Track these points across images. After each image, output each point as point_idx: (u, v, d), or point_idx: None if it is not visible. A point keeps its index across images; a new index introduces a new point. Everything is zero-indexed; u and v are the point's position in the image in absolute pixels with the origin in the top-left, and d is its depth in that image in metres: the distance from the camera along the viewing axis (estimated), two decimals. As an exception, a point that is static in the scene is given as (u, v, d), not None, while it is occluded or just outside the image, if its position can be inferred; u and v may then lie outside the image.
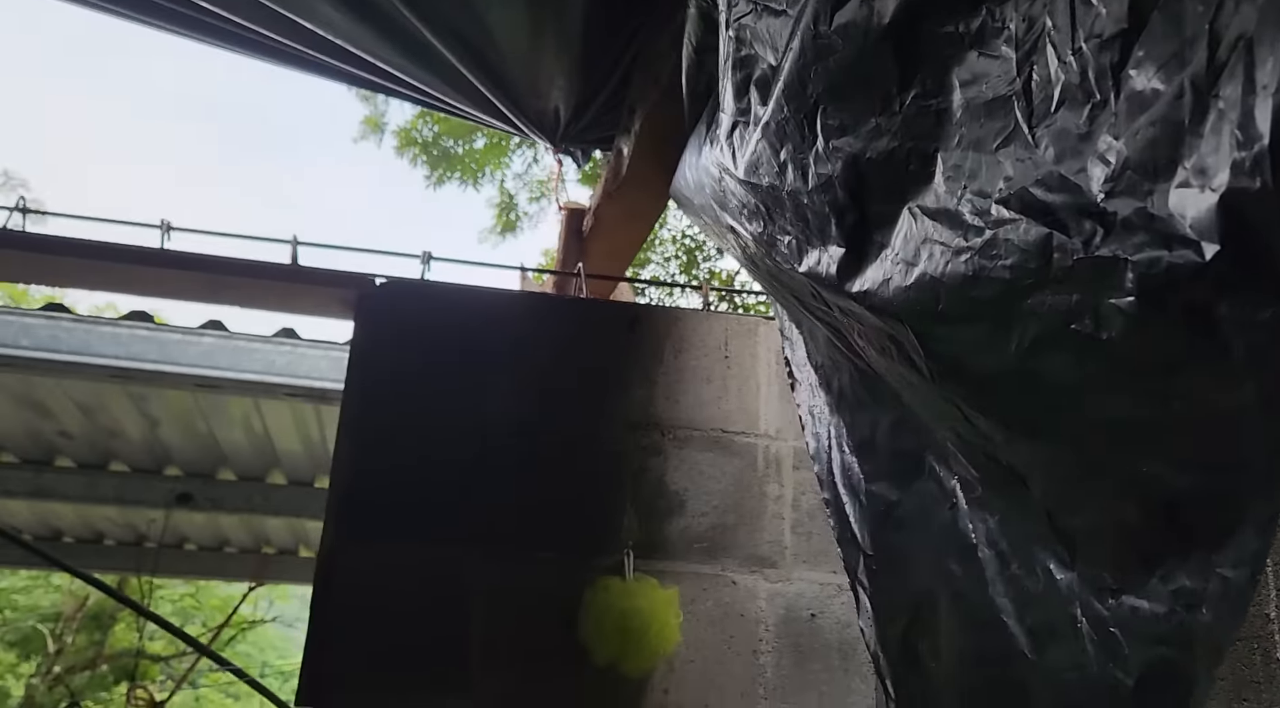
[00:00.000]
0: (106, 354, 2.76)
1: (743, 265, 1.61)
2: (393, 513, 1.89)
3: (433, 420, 1.97)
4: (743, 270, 2.43)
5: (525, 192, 9.71)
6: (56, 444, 3.87)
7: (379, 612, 1.82)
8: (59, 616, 14.75)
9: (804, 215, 1.00)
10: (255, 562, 5.40)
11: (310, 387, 2.89)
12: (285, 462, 4.05)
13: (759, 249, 1.24)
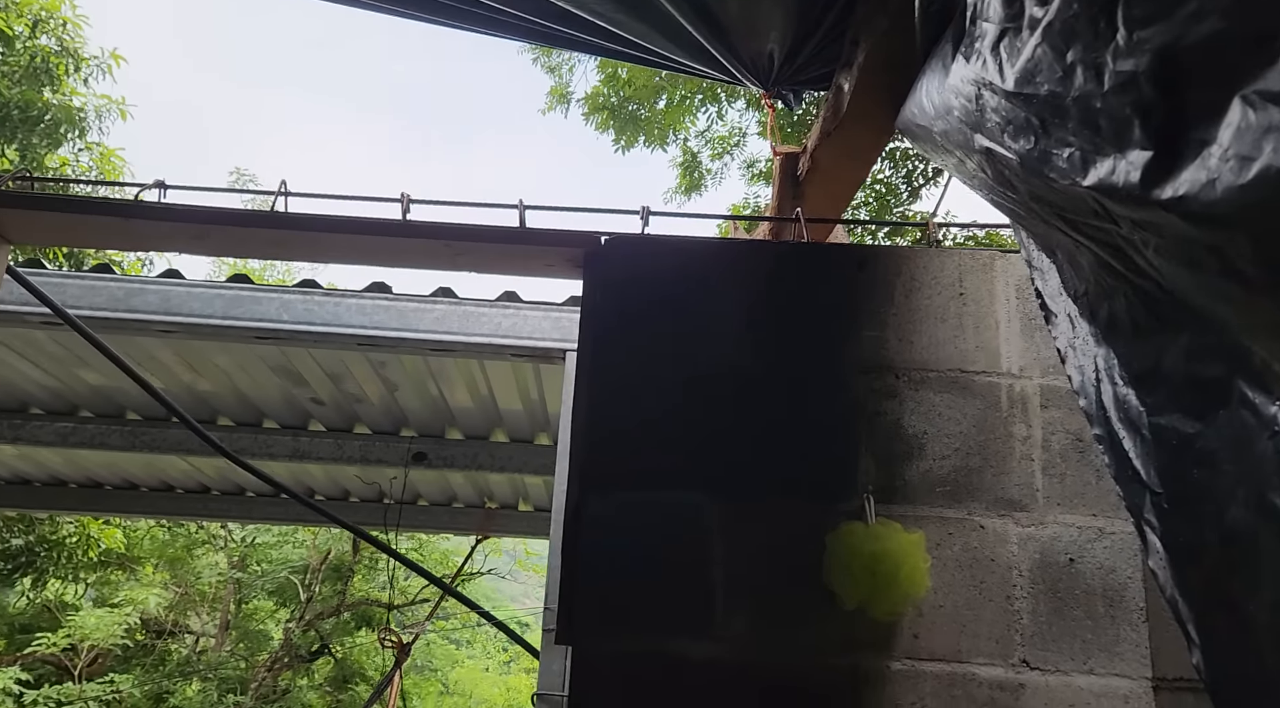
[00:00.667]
0: (353, 325, 2.99)
1: (987, 193, 1.52)
2: (631, 462, 1.94)
3: (664, 370, 2.00)
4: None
5: (707, 150, 9.67)
6: (309, 410, 4.25)
7: (623, 558, 1.88)
8: (307, 568, 16.34)
9: (1094, 122, 0.92)
10: (480, 516, 5.74)
11: (533, 347, 3.02)
12: (507, 421, 4.27)
13: (1024, 170, 1.16)
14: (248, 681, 15.30)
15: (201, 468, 5.23)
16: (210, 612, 16.66)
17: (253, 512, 5.68)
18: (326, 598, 15.96)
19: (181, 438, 4.38)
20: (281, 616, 16.53)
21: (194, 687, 14.90)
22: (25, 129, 7.12)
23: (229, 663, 15.57)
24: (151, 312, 2.94)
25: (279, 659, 15.71)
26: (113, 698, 13.35)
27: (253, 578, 16.13)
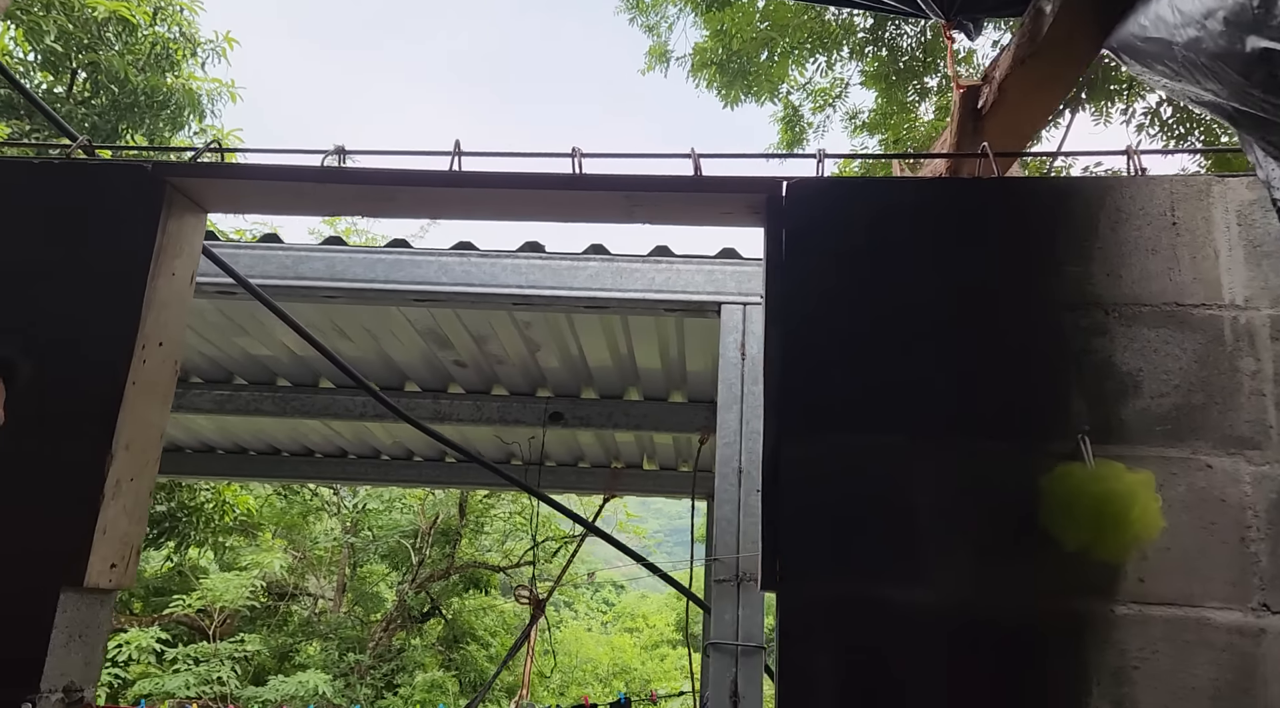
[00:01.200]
0: (509, 284, 3.03)
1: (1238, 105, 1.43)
2: (826, 407, 1.92)
3: (856, 314, 1.97)
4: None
5: (809, 103, 9.46)
6: (451, 373, 4.35)
7: (826, 503, 1.87)
8: (416, 532, 16.88)
9: None
10: (607, 475, 5.81)
11: (687, 300, 3.01)
12: (644, 379, 4.29)
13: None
14: (365, 640, 15.95)
15: (341, 432, 5.42)
16: (327, 575, 17.39)
17: (388, 474, 5.88)
18: (435, 561, 16.48)
19: (327, 403, 4.53)
20: (393, 578, 17.15)
21: (315, 646, 15.62)
22: (152, 115, 7.42)
23: (346, 624, 16.25)
24: (317, 278, 3.03)
25: (393, 620, 16.32)
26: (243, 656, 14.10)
27: (365, 543, 16.75)
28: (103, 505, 1.98)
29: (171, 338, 2.22)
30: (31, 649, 1.88)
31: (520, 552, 18.01)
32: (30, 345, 2.05)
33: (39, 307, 2.07)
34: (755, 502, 2.78)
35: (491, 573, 17.86)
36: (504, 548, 17.87)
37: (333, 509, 17.09)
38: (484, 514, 17.17)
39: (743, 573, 2.70)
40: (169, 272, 2.19)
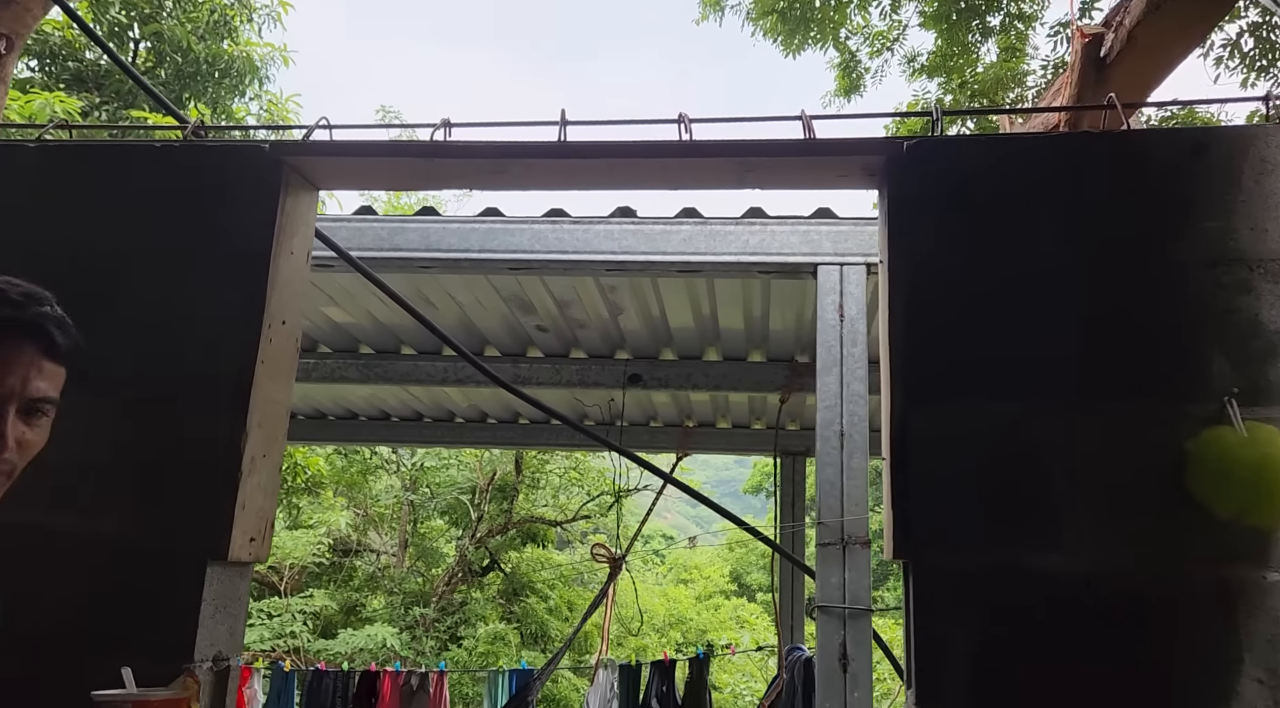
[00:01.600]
0: (602, 250, 3.03)
1: None
2: (954, 374, 1.90)
3: (983, 277, 1.93)
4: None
5: (866, 48, 9.23)
6: (531, 337, 4.38)
7: (956, 471, 1.85)
8: (474, 489, 17.18)
9: None
10: (679, 434, 5.84)
11: (781, 263, 2.98)
12: (724, 339, 4.28)
13: None
14: (428, 594, 16.36)
15: (419, 397, 5.50)
16: (389, 532, 17.81)
17: (463, 436, 5.97)
18: (493, 517, 16.79)
19: (409, 369, 4.60)
20: (453, 534, 17.52)
21: (380, 600, 16.06)
22: (214, 83, 7.49)
23: (409, 579, 16.66)
24: (413, 249, 3.05)
25: (454, 574, 16.71)
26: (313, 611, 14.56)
27: (424, 500, 17.09)
28: (240, 482, 2.03)
29: (293, 316, 2.25)
30: (184, 622, 1.96)
31: (574, 507, 18.26)
32: (162, 327, 2.10)
33: (168, 289, 2.11)
34: (858, 465, 2.78)
35: (548, 528, 18.16)
36: (559, 503, 18.13)
37: (392, 467, 17.44)
38: (539, 471, 17.43)
39: (848, 536, 2.71)
40: (288, 251, 2.22)
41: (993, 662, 1.74)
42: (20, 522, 2.01)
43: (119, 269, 2.13)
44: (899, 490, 1.87)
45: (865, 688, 2.56)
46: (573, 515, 18.11)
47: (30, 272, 2.15)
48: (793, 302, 3.76)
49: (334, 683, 5.86)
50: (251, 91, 9.15)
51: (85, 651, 1.95)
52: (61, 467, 2.03)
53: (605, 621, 5.79)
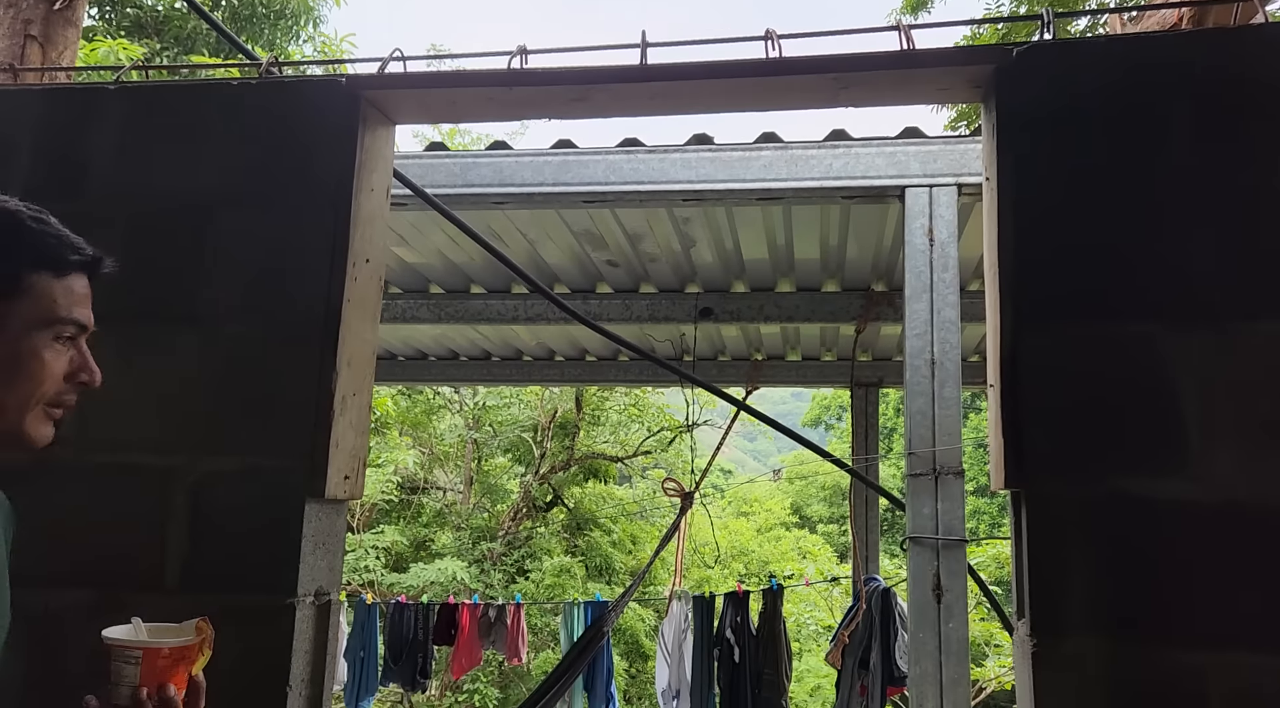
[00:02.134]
0: (679, 180, 2.94)
1: None
2: (1067, 293, 1.80)
3: (1102, 192, 1.81)
4: None
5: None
6: (601, 272, 4.33)
7: (1072, 396, 1.77)
8: (536, 427, 17.42)
9: None
10: (748, 368, 5.78)
11: (867, 186, 2.87)
12: (799, 270, 4.18)
13: None
14: (494, 529, 16.74)
15: (488, 335, 5.52)
16: (454, 469, 18.19)
17: (531, 374, 5.99)
18: (555, 454, 17.03)
19: (480, 308, 4.59)
20: (517, 471, 17.83)
21: (448, 535, 16.48)
22: (270, 25, 7.46)
23: (475, 515, 17.06)
24: (486, 184, 3.01)
25: (519, 510, 17.05)
26: (384, 546, 15.01)
27: (487, 438, 17.37)
28: (333, 421, 2.04)
29: (376, 254, 2.23)
30: (287, 558, 1.98)
31: (634, 443, 18.43)
32: (249, 268, 2.09)
33: (252, 229, 2.10)
34: (950, 393, 2.70)
35: (609, 464, 18.39)
36: (619, 439, 18.31)
37: (455, 407, 17.73)
38: (599, 408, 17.58)
39: (940, 466, 2.64)
40: (368, 187, 2.19)
41: (1111, 591, 1.68)
42: (125, 463, 2.05)
43: (202, 210, 2.12)
44: (1009, 417, 1.80)
45: (961, 619, 2.52)
46: (633, 451, 18.29)
47: (116, 213, 2.16)
48: (871, 228, 3.64)
49: (415, 615, 6.04)
50: (305, 33, 9.10)
51: (189, 590, 1.99)
52: (163, 409, 2.06)
53: (678, 554, 5.83)
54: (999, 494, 2.47)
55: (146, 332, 2.08)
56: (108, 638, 1.10)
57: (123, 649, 1.07)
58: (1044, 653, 1.68)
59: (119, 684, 1.06)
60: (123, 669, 1.06)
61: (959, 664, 2.50)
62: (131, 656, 1.06)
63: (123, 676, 1.06)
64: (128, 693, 1.06)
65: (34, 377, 1.01)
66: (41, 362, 1.01)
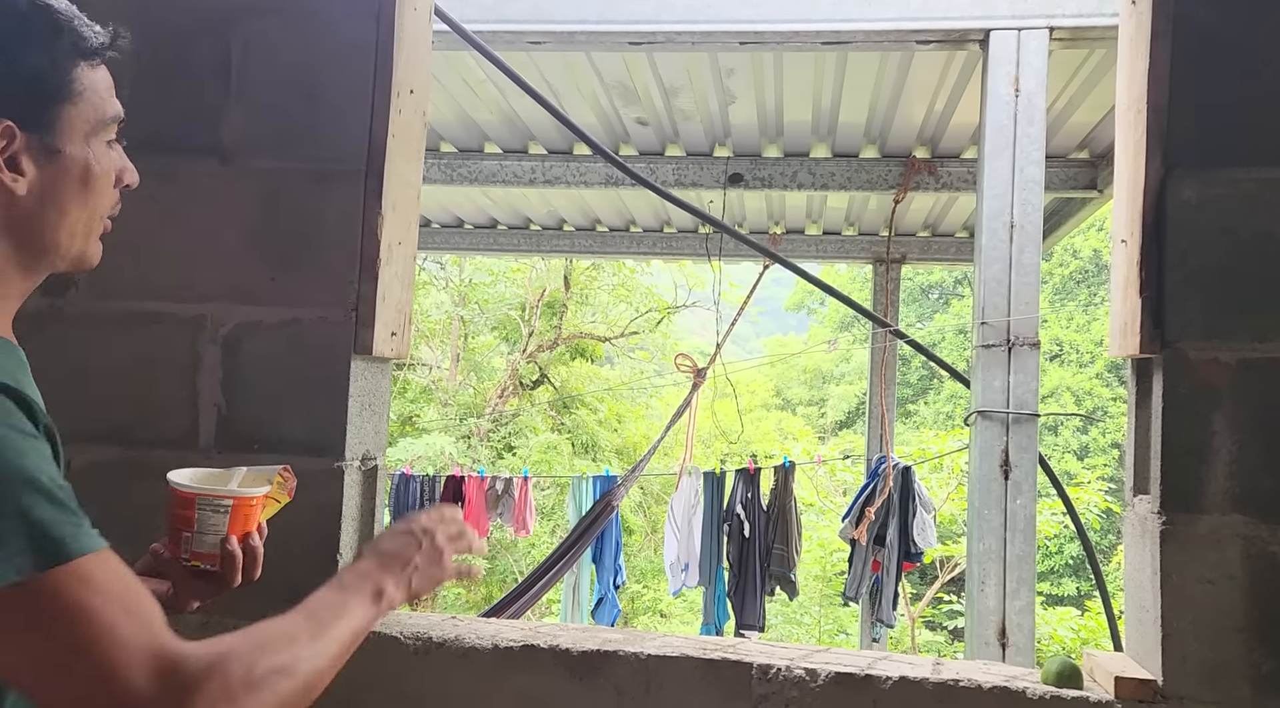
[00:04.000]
0: (739, 19, 2.65)
1: None
2: (1233, 136, 1.59)
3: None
4: None
5: None
6: (627, 131, 4.04)
7: (1228, 249, 1.58)
8: (523, 305, 17.24)
9: None
10: (766, 241, 5.56)
11: (948, 29, 2.60)
12: (839, 132, 3.92)
13: None
14: (480, 406, 16.76)
15: (496, 201, 5.23)
16: (439, 347, 18.07)
17: (540, 245, 5.74)
18: (543, 333, 16.92)
19: (494, 169, 4.31)
20: (503, 349, 17.74)
21: (434, 411, 16.49)
22: None
23: (462, 392, 17.04)
24: (523, 20, 2.70)
25: (505, 388, 17.05)
26: (370, 421, 14.96)
27: (474, 315, 17.19)
28: (379, 271, 1.83)
29: (420, 85, 1.97)
30: (334, 419, 1.81)
31: (623, 323, 18.38)
32: (282, 93, 1.83)
33: (285, 46, 1.83)
34: (1030, 260, 2.52)
35: (597, 343, 18.35)
36: (608, 319, 18.20)
37: (440, 283, 17.45)
38: (588, 286, 17.39)
39: (1015, 337, 2.48)
40: (412, 5, 1.91)
41: (1260, 469, 1.54)
42: (150, 311, 1.84)
43: (225, 22, 1.84)
44: (1150, 275, 1.61)
45: (1029, 495, 2.42)
46: (621, 331, 18.24)
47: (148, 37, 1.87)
48: (928, 84, 3.37)
49: (419, 486, 5.97)
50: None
51: (226, 450, 1.82)
52: (189, 253, 1.84)
53: (689, 430, 5.76)
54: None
55: (166, 163, 1.83)
56: (190, 487, 1.02)
57: (212, 498, 1.01)
58: (1175, 531, 1.55)
59: (204, 533, 1.02)
60: (209, 518, 1.01)
61: (1025, 542, 2.41)
62: (222, 505, 1.02)
63: (209, 524, 1.01)
64: (214, 542, 1.02)
65: (103, 189, 0.92)
66: (106, 171, 0.92)
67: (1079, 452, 17.80)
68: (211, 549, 1.02)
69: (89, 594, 0.71)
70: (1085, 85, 3.18)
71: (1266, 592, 1.52)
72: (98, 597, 0.71)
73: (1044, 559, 15.15)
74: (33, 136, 0.86)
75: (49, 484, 0.73)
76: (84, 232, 0.92)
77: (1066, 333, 19.49)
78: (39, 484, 0.72)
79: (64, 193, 0.89)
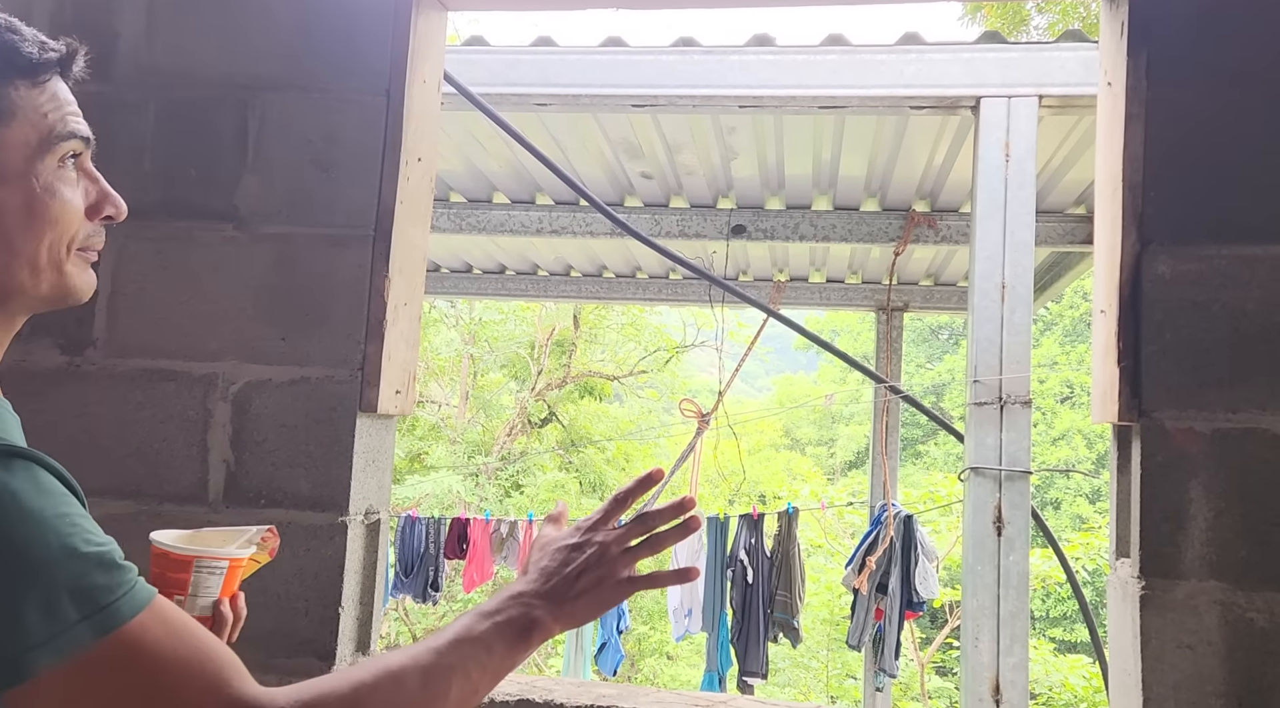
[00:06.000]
0: (737, 84, 2.75)
1: None
2: (1204, 212, 1.65)
3: (1254, 98, 1.65)
4: None
5: None
6: (632, 185, 4.14)
7: (1201, 321, 1.64)
8: (533, 343, 17.33)
9: None
10: (771, 289, 5.64)
11: (939, 96, 2.68)
12: (840, 186, 4.01)
13: None
14: (489, 444, 16.78)
15: (504, 248, 5.33)
16: (449, 384, 18.14)
17: (547, 290, 5.82)
18: (551, 371, 16.98)
19: (502, 219, 4.40)
20: (512, 387, 17.80)
21: (443, 449, 16.52)
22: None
23: (470, 429, 17.07)
24: (529, 84, 2.80)
25: (514, 426, 17.07)
26: (379, 458, 14.99)
27: (483, 353, 17.28)
28: (385, 332, 1.90)
29: (428, 152, 2.05)
30: (338, 475, 1.87)
31: (631, 362, 18.45)
32: (294, 162, 1.92)
33: (299, 118, 1.92)
34: (1021, 320, 2.57)
35: (605, 382, 18.39)
36: (616, 358, 18.27)
37: (451, 321, 17.58)
38: (596, 325, 17.48)
39: (1007, 395, 2.53)
40: (420, 78, 2.00)
41: (1234, 535, 1.58)
42: (163, 369, 1.91)
43: (243, 96, 1.94)
44: (1127, 346, 1.67)
45: (1022, 552, 2.45)
46: (629, 370, 18.29)
47: (148, 97, 1.97)
48: (924, 143, 3.45)
49: (425, 529, 6.00)
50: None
51: (233, 505, 1.88)
52: (202, 313, 1.91)
53: (693, 475, 5.79)
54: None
55: (182, 228, 1.91)
56: (188, 550, 1.01)
57: (210, 560, 1.01)
58: (1154, 597, 1.59)
59: (197, 596, 1.00)
60: (205, 581, 1.00)
61: (1019, 598, 2.44)
62: (218, 567, 1.01)
63: (204, 587, 1.00)
64: (208, 605, 1.01)
65: (56, 217, 0.81)
66: (57, 196, 0.81)
67: (1090, 496, 17.68)
68: (203, 612, 1.00)
69: (146, 655, 0.68)
70: (1078, 147, 3.26)
71: (1244, 658, 1.55)
72: (156, 656, 0.68)
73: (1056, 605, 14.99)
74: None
75: (92, 549, 0.70)
76: (49, 264, 0.82)
77: (1077, 375, 19.45)
78: (81, 552, 0.69)
79: (8, 226, 0.79)
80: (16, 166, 0.79)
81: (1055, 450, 18.66)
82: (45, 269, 0.82)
